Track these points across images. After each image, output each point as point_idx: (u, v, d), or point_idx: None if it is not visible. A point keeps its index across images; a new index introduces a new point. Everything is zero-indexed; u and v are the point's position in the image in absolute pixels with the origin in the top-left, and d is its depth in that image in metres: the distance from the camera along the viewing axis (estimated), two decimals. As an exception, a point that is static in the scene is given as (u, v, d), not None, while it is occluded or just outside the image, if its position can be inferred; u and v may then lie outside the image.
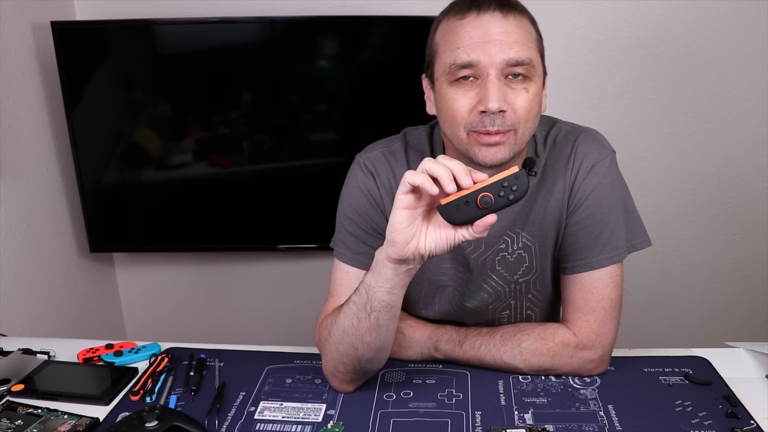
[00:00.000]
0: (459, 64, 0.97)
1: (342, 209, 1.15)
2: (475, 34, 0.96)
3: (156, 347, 1.22)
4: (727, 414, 0.99)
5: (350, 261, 1.13)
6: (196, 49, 1.82)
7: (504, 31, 0.96)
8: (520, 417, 1.00)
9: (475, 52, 0.96)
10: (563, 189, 1.09)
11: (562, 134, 1.12)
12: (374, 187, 1.12)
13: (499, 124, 0.96)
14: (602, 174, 1.08)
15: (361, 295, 0.98)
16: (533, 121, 1.01)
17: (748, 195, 1.98)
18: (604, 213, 1.08)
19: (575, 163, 1.09)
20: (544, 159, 1.11)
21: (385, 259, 0.93)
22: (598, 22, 1.86)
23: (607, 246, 1.08)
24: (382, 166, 1.13)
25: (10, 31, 1.67)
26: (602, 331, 1.08)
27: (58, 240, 1.88)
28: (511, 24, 0.97)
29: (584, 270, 1.09)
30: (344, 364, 1.04)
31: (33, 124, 1.77)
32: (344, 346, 1.02)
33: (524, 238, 1.12)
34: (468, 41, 0.96)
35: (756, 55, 1.85)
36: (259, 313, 2.20)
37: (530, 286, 1.15)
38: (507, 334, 1.10)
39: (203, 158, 1.90)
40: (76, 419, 1.01)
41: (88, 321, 2.00)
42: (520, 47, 0.96)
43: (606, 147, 1.11)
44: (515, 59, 0.96)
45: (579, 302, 1.09)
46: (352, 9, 1.86)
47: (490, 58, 0.95)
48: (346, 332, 1.00)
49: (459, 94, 0.98)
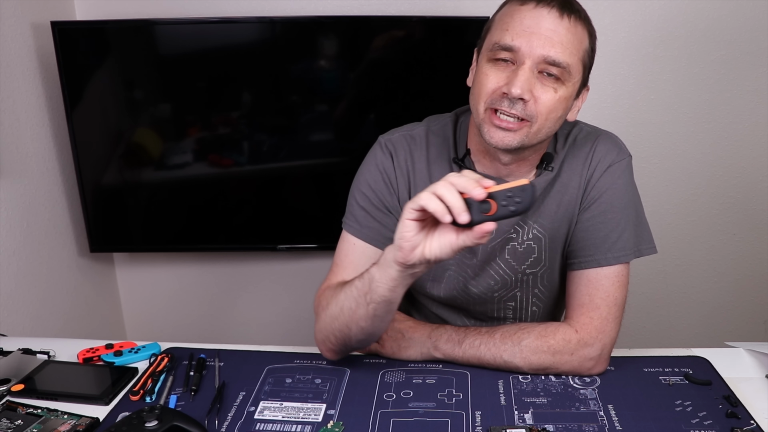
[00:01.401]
0: (501, 44, 1.00)
1: (356, 183, 1.17)
2: (527, 23, 0.99)
3: (156, 347, 1.22)
4: (727, 414, 0.99)
5: (358, 233, 1.15)
6: (196, 49, 1.82)
7: (554, 28, 0.99)
8: (520, 417, 1.00)
9: (519, 38, 0.99)
10: (578, 185, 1.12)
11: (583, 134, 1.15)
12: (391, 167, 1.15)
13: (518, 110, 0.99)
14: (618, 175, 1.11)
15: (364, 283, 0.99)
16: (553, 123, 1.03)
17: (748, 195, 1.98)
18: (616, 212, 1.11)
19: (593, 162, 1.12)
20: (562, 156, 1.13)
21: (391, 260, 0.94)
22: (598, 22, 1.82)
23: (616, 245, 1.10)
24: (402, 148, 1.16)
25: (10, 31, 1.67)
26: (604, 328, 1.08)
27: (58, 240, 1.88)
28: (564, 26, 0.99)
29: (591, 266, 1.10)
30: (336, 337, 1.07)
31: (33, 124, 1.77)
32: (338, 323, 1.05)
33: (535, 229, 1.13)
34: (518, 26, 0.99)
35: (756, 55, 1.85)
36: (259, 313, 2.20)
37: (537, 279, 1.17)
38: (507, 332, 1.11)
39: (203, 158, 1.90)
40: (76, 419, 1.01)
41: (88, 321, 2.00)
42: (562, 49, 0.99)
43: (624, 150, 1.14)
44: (553, 58, 0.98)
45: (584, 298, 1.10)
46: (352, 9, 1.86)
47: (530, 49, 0.98)
48: (343, 312, 1.03)
49: (492, 71, 1.01)
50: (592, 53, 1.06)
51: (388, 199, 1.15)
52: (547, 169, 1.12)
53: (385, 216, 1.15)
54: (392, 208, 1.15)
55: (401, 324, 1.15)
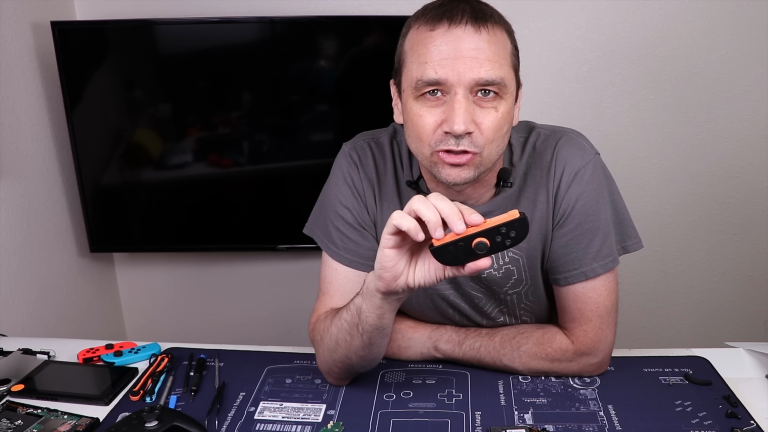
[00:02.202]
0: (426, 80, 0.92)
1: (327, 201, 1.13)
2: (445, 50, 0.91)
3: (156, 347, 1.22)
4: (727, 414, 0.99)
5: (337, 257, 1.11)
6: (196, 49, 1.82)
7: (475, 47, 0.91)
8: (520, 417, 1.00)
9: (443, 69, 0.91)
10: (546, 200, 1.05)
11: (541, 139, 1.07)
12: (358, 177, 1.10)
13: (465, 144, 0.92)
14: (586, 181, 1.03)
15: (353, 315, 0.97)
16: (502, 140, 0.97)
17: (748, 195, 1.98)
18: (593, 221, 1.04)
19: (557, 171, 1.04)
20: (523, 167, 1.06)
21: (374, 290, 0.91)
22: (598, 22, 1.86)
23: (600, 254, 1.05)
24: (367, 156, 1.11)
25: (10, 31, 1.67)
26: (600, 337, 1.07)
27: (58, 240, 1.88)
28: (484, 39, 0.91)
29: (578, 280, 1.05)
30: (338, 367, 1.05)
31: (33, 124, 1.77)
32: (338, 355, 1.03)
33: (511, 251, 1.07)
34: (437, 56, 0.91)
35: (756, 55, 1.85)
36: (259, 313, 2.20)
37: (522, 297, 1.12)
38: (506, 336, 1.10)
39: (203, 158, 1.90)
40: (76, 419, 1.01)
41: (88, 321, 2.00)
42: (491, 65, 0.91)
43: (588, 150, 1.05)
44: (485, 79, 0.91)
45: (574, 313, 1.07)
46: (352, 9, 1.86)
47: (458, 77, 0.90)
48: (339, 345, 1.01)
49: (425, 110, 0.94)
50: (516, 51, 0.97)
51: (360, 215, 1.10)
52: (505, 185, 1.04)
53: (359, 235, 1.10)
54: (365, 225, 1.10)
55: (401, 324, 1.15)
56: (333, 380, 1.09)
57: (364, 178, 1.10)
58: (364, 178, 1.10)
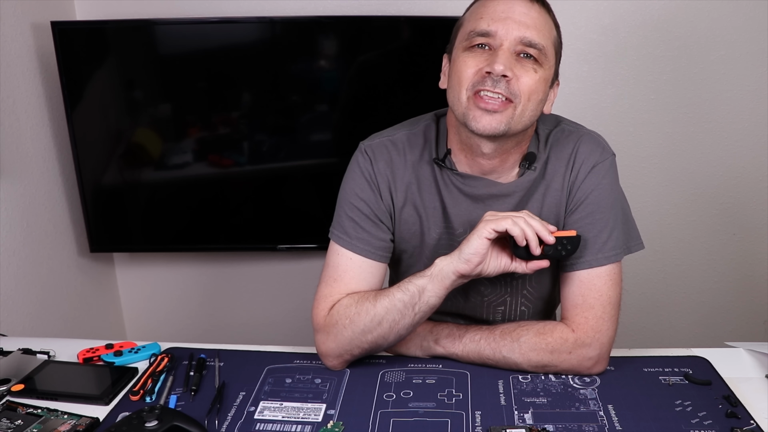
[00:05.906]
0: (478, 31, 1.03)
1: (344, 194, 1.17)
2: (500, 9, 1.03)
3: (156, 347, 1.22)
4: (727, 414, 0.99)
5: (350, 247, 1.14)
6: (196, 49, 1.82)
7: (526, 12, 1.03)
8: (520, 417, 1.00)
9: (495, 23, 1.03)
10: (561, 187, 1.12)
11: (565, 134, 1.15)
12: (374, 172, 1.15)
13: (501, 88, 1.01)
14: (602, 175, 1.11)
15: (412, 296, 1.06)
16: (535, 106, 1.05)
17: (747, 195, 1.98)
18: (604, 212, 1.11)
19: (576, 163, 1.12)
20: (545, 157, 1.14)
21: (450, 272, 1.03)
22: (598, 22, 1.86)
23: (606, 245, 1.10)
24: (382, 154, 1.16)
25: (10, 31, 1.67)
26: (600, 328, 1.08)
27: (58, 240, 1.88)
28: (535, 10, 1.04)
29: (583, 267, 1.10)
30: (363, 349, 1.10)
31: (33, 124, 1.77)
32: (374, 335, 1.08)
33: None
34: (492, 13, 1.04)
35: (756, 55, 1.85)
36: (259, 313, 2.20)
37: (526, 281, 1.18)
38: (506, 329, 1.12)
39: (203, 158, 1.90)
40: (76, 419, 1.01)
41: (88, 321, 2.00)
42: (537, 31, 1.03)
43: (607, 150, 1.14)
44: (530, 40, 1.02)
45: (577, 299, 1.10)
46: (352, 9, 1.86)
47: (507, 32, 1.02)
48: (382, 324, 1.07)
49: (470, 58, 1.04)
50: (560, 46, 1.10)
51: (377, 207, 1.15)
52: (530, 168, 1.12)
53: (375, 226, 1.14)
54: (382, 217, 1.15)
55: None
56: (338, 363, 1.13)
57: (379, 173, 1.15)
58: (379, 173, 1.15)
